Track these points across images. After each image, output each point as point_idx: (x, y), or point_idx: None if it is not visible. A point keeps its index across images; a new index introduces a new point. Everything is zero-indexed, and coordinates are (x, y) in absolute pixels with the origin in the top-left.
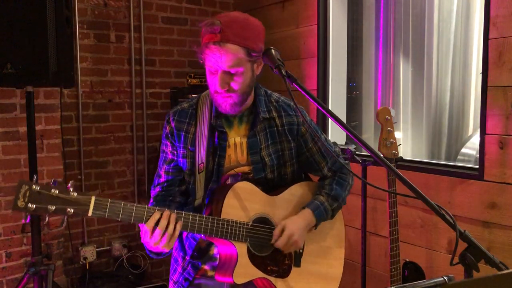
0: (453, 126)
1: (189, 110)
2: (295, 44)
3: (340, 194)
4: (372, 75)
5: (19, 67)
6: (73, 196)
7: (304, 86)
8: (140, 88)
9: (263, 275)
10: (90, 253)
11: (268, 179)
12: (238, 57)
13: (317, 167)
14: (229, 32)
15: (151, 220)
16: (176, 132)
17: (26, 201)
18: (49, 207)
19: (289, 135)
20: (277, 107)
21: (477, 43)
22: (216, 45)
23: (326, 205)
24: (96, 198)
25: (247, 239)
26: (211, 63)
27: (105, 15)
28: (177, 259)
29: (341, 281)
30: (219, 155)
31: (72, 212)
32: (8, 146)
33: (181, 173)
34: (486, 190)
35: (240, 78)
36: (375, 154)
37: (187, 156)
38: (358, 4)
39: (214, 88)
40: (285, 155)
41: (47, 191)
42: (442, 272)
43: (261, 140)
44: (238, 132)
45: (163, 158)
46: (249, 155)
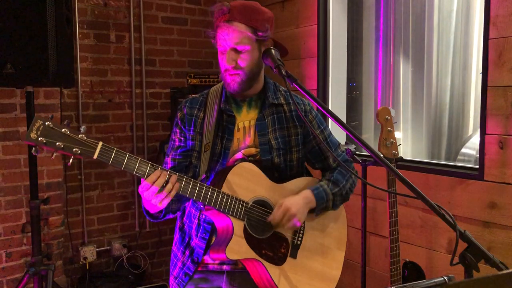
0: (453, 126)
1: (200, 98)
2: (295, 44)
3: (340, 180)
4: (372, 75)
5: (19, 67)
6: (82, 137)
7: (304, 86)
8: (140, 88)
9: (256, 257)
10: (90, 253)
11: (275, 163)
12: (244, 35)
13: (323, 156)
14: (236, 12)
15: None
16: (187, 117)
17: (38, 134)
18: (58, 143)
19: (297, 121)
20: (285, 95)
21: (477, 43)
22: (225, 23)
23: (325, 187)
24: (103, 144)
25: (245, 217)
26: (221, 42)
27: (105, 15)
28: (177, 254)
29: (341, 281)
30: (226, 139)
31: (79, 152)
32: (8, 146)
33: (187, 159)
34: (486, 190)
35: (246, 56)
36: (375, 154)
37: (195, 139)
38: (358, 4)
39: (224, 66)
40: (292, 141)
41: (59, 129)
42: (442, 272)
43: (268, 123)
44: (247, 116)
45: (171, 146)
46: (256, 137)
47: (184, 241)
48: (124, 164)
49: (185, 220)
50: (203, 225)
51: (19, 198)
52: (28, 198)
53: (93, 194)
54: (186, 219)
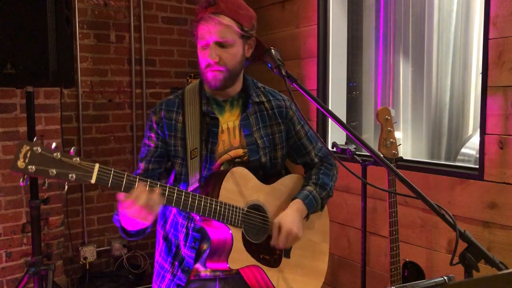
0: (453, 126)
1: (175, 100)
2: (295, 44)
3: (327, 183)
4: (372, 75)
5: (19, 67)
6: (76, 161)
7: (304, 86)
8: (140, 88)
9: (256, 262)
10: (90, 253)
11: (262, 162)
12: (230, 29)
13: (305, 152)
14: (223, 4)
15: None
16: (165, 121)
17: (27, 162)
18: (50, 170)
19: (279, 117)
20: (265, 92)
21: (477, 43)
22: (210, 15)
23: (314, 193)
24: (100, 166)
25: (242, 224)
26: (204, 34)
27: (105, 15)
28: (164, 265)
29: (341, 281)
30: (211, 142)
31: (74, 178)
32: (8, 146)
33: (161, 167)
34: (486, 190)
35: (231, 51)
36: (375, 154)
37: (177, 145)
38: (358, 4)
39: (206, 61)
40: (276, 138)
41: (50, 153)
42: (442, 272)
43: (253, 122)
44: (230, 116)
45: (145, 151)
46: (243, 137)
47: (172, 251)
48: (123, 186)
49: (168, 228)
50: (192, 234)
51: (19, 198)
52: (28, 198)
53: (93, 194)
54: (170, 227)
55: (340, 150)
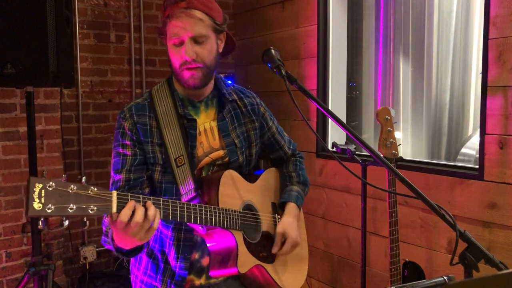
0: (453, 126)
1: (144, 103)
2: (295, 44)
3: (307, 179)
4: (372, 75)
5: (19, 67)
6: (93, 191)
7: (304, 86)
8: (140, 88)
9: (258, 262)
10: (90, 253)
11: (240, 162)
12: (205, 24)
13: (278, 146)
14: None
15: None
16: (139, 127)
17: (43, 202)
18: (69, 207)
19: (253, 115)
20: (235, 90)
21: (477, 43)
22: (182, 10)
23: (301, 192)
24: (118, 193)
25: (242, 227)
26: (177, 31)
27: (105, 15)
28: (152, 284)
29: (341, 281)
30: (190, 145)
31: (95, 211)
32: (8, 146)
33: (143, 175)
34: (486, 190)
35: (207, 47)
36: (375, 154)
37: (156, 152)
38: (358, 4)
39: (181, 59)
40: (251, 136)
41: (65, 188)
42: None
43: (229, 122)
44: (206, 117)
45: (120, 161)
46: (221, 138)
47: (160, 268)
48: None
49: (152, 244)
50: (183, 243)
51: (19, 198)
52: None
53: None
54: (154, 243)
55: (340, 150)
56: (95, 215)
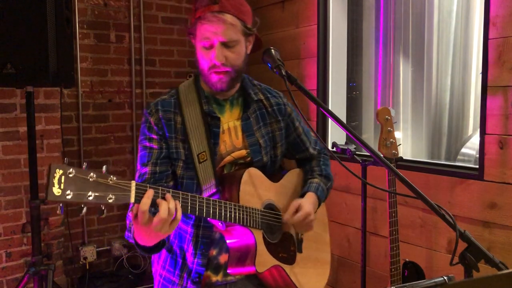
0: (453, 126)
1: (171, 99)
2: (295, 44)
3: (330, 174)
4: (372, 75)
5: (19, 67)
6: (112, 180)
7: (304, 86)
8: (140, 88)
9: (277, 262)
10: (90, 253)
11: (264, 162)
12: (236, 29)
13: (304, 147)
14: (227, 3)
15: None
16: (164, 122)
17: (63, 188)
18: (88, 194)
19: (279, 115)
20: (261, 89)
21: (477, 43)
22: (214, 14)
23: (322, 185)
24: (136, 184)
25: (263, 226)
26: (208, 34)
27: (105, 15)
28: (171, 279)
29: (341, 281)
30: (213, 143)
31: (114, 200)
32: (8, 146)
33: (169, 168)
34: (486, 190)
35: (237, 51)
36: (375, 154)
37: (178, 147)
38: (358, 4)
39: (211, 62)
40: (276, 136)
41: (85, 176)
42: (442, 272)
43: (253, 122)
44: (231, 116)
45: (146, 154)
46: (245, 138)
47: (178, 263)
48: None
49: (172, 240)
50: (202, 240)
51: (19, 198)
52: (28, 198)
53: None
54: (174, 239)
55: (340, 150)
56: (113, 204)
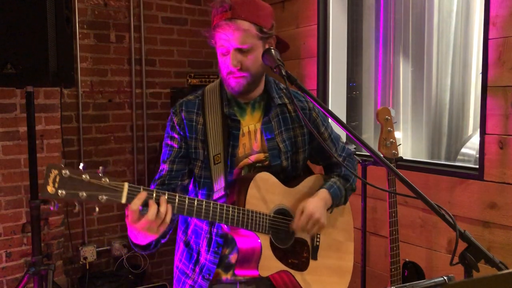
0: (453, 126)
1: (195, 100)
2: (295, 44)
3: (349, 175)
4: (372, 75)
5: (19, 67)
6: (106, 181)
7: (304, 86)
8: (140, 88)
9: (285, 268)
10: (90, 253)
11: (283, 167)
12: (250, 34)
13: (328, 154)
14: (239, 8)
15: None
16: (186, 122)
17: (57, 187)
18: (80, 193)
19: (302, 120)
20: (287, 93)
21: (477, 43)
22: (227, 21)
23: (338, 184)
24: (129, 185)
25: (270, 231)
26: (223, 42)
27: (105, 15)
28: (185, 271)
29: None
30: (232, 145)
31: (105, 200)
32: (8, 146)
33: (185, 167)
34: (486, 190)
35: (252, 56)
36: (375, 154)
37: (198, 147)
38: (358, 4)
39: (227, 68)
40: (298, 142)
41: (79, 176)
42: (442, 272)
43: (275, 126)
44: (251, 119)
45: (167, 152)
46: (264, 141)
47: (193, 257)
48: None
49: (190, 235)
50: (216, 239)
51: (19, 198)
52: (28, 198)
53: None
54: (191, 234)
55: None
56: (105, 203)
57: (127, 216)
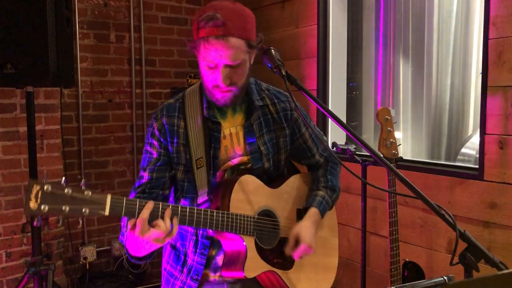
0: (453, 126)
1: (176, 104)
2: (295, 44)
3: (336, 185)
4: (372, 75)
5: (19, 67)
6: (88, 195)
7: (304, 86)
8: (140, 88)
9: (270, 268)
10: (90, 253)
11: (265, 168)
12: (241, 50)
13: (309, 154)
14: (231, 24)
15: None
16: (167, 128)
17: (39, 202)
18: (63, 207)
19: (284, 121)
20: (269, 94)
21: (477, 43)
22: (219, 39)
23: (327, 198)
24: (112, 196)
25: (255, 232)
26: (212, 58)
27: (105, 15)
28: (173, 273)
29: (341, 281)
30: (214, 147)
31: (88, 212)
32: (8, 146)
33: (166, 175)
34: (486, 190)
35: (241, 71)
36: (375, 154)
37: (179, 151)
38: (358, 4)
39: (215, 82)
40: (280, 143)
41: (61, 191)
42: (442, 272)
43: (256, 129)
44: (233, 122)
45: (146, 159)
46: (246, 144)
47: (180, 259)
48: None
49: (176, 237)
50: (202, 240)
51: (19, 198)
52: None
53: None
54: (178, 236)
55: (340, 150)
56: (88, 216)
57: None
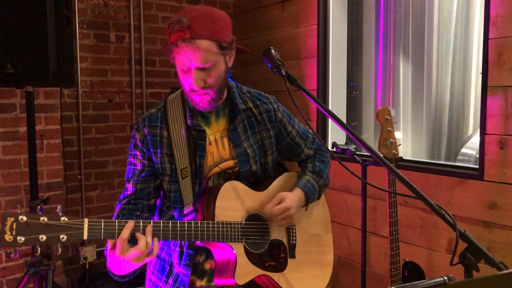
0: (453, 126)
1: (158, 114)
2: (295, 44)
3: (323, 170)
4: (372, 75)
5: (19, 67)
6: (64, 221)
7: (304, 86)
8: (140, 88)
9: (262, 272)
10: (90, 253)
11: (253, 171)
12: (211, 52)
13: (299, 150)
14: (197, 27)
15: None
16: (149, 139)
17: (14, 234)
18: (40, 237)
19: (268, 123)
20: (251, 97)
21: (477, 43)
22: (186, 42)
23: (312, 181)
24: (89, 220)
25: (243, 238)
26: (183, 62)
27: (105, 15)
28: (158, 284)
29: (341, 281)
30: (199, 156)
31: (66, 239)
32: (8, 146)
33: (150, 185)
34: (486, 190)
35: (215, 73)
36: (375, 154)
37: (164, 162)
38: (358, 4)
39: (189, 86)
40: (265, 144)
41: (36, 220)
42: (442, 272)
43: (241, 132)
44: (217, 127)
45: (131, 171)
46: (232, 148)
47: (165, 269)
48: (117, 234)
49: (162, 246)
50: (187, 251)
51: (19, 198)
52: (28, 198)
53: (93, 194)
54: (163, 246)
55: (340, 150)
56: (66, 243)
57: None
